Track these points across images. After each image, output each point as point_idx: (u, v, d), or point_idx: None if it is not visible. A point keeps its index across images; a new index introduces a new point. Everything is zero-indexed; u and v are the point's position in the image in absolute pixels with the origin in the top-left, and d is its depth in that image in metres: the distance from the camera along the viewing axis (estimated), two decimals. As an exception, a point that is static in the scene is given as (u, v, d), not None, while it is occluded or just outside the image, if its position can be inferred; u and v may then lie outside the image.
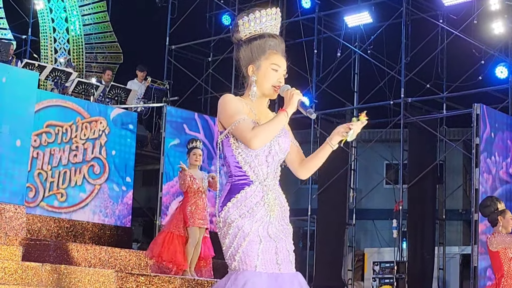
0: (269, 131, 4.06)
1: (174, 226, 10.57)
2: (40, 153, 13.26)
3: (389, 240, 20.12)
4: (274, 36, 4.29)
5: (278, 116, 4.10)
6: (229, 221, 4.12)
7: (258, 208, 4.13)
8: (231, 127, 4.12)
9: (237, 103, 4.18)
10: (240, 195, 4.14)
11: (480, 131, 13.79)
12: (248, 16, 4.29)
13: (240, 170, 4.18)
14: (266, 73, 4.25)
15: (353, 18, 18.22)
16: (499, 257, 8.42)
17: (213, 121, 16.01)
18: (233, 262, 4.10)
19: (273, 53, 4.27)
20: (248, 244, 4.07)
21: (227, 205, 4.14)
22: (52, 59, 19.62)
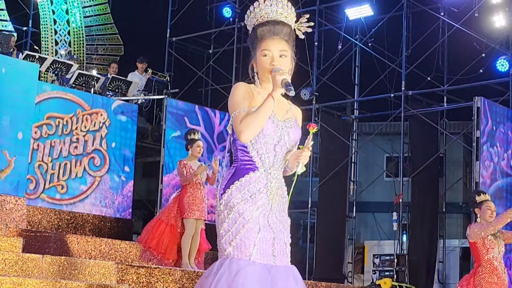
0: (256, 121, 4.02)
1: (166, 215, 10.58)
2: (40, 145, 13.27)
3: (389, 233, 20.14)
4: (264, 24, 4.26)
5: (264, 103, 4.05)
6: (231, 204, 4.08)
7: (260, 194, 4.10)
8: (231, 118, 4.12)
9: (241, 93, 4.14)
10: (244, 179, 4.11)
11: (481, 124, 13.80)
12: (246, 14, 4.32)
13: (247, 155, 4.15)
14: (259, 62, 4.24)
15: (354, 10, 18.21)
16: (476, 247, 8.47)
17: (214, 113, 16.02)
18: (228, 247, 4.06)
19: (262, 40, 4.23)
20: (247, 232, 4.04)
21: (230, 188, 4.11)
22: (53, 51, 19.61)
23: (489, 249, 8.41)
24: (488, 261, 8.39)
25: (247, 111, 4.06)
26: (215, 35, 20.79)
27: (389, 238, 19.93)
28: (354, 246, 19.03)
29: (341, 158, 17.45)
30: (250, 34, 4.31)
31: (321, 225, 17.41)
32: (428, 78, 17.79)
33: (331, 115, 18.24)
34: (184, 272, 9.63)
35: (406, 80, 16.92)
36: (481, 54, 16.84)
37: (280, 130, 4.17)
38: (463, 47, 17.18)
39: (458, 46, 17.46)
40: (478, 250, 8.46)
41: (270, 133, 4.13)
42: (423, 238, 16.65)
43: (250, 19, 4.31)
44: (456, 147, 20.08)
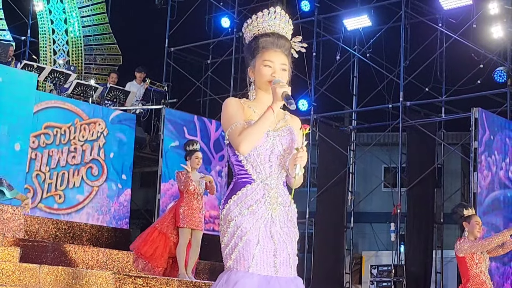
0: (254, 133, 4.05)
1: (160, 223, 10.57)
2: (38, 154, 13.26)
3: (387, 244, 20.11)
4: (268, 34, 4.28)
5: (264, 114, 4.07)
6: (229, 218, 4.11)
7: (258, 205, 4.11)
8: (227, 134, 4.13)
9: (234, 107, 4.16)
10: (241, 192, 4.13)
11: (479, 135, 13.81)
12: (247, 21, 4.34)
13: (242, 169, 4.17)
14: (259, 70, 4.23)
15: (352, 21, 18.23)
16: (465, 262, 8.48)
17: (210, 122, 16.02)
18: (229, 260, 4.10)
19: (264, 50, 4.25)
20: (245, 244, 4.05)
21: (228, 202, 4.14)
22: (51, 60, 19.63)
23: (477, 263, 8.44)
24: (476, 275, 8.43)
25: (243, 124, 4.09)
26: (214, 45, 20.82)
27: (386, 249, 19.90)
28: (352, 256, 19.01)
29: (339, 168, 17.45)
30: (250, 42, 4.32)
31: (318, 235, 17.39)
32: (426, 89, 17.80)
33: (329, 126, 18.24)
34: (182, 282, 9.62)
35: (404, 90, 16.93)
36: (479, 65, 16.86)
37: (272, 140, 4.18)
38: (461, 58, 17.21)
39: (456, 57, 17.49)
40: (466, 265, 8.49)
41: (261, 144, 4.14)
42: (421, 248, 16.64)
43: (251, 28, 4.33)
44: (454, 157, 20.09)
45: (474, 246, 8.42)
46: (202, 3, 20.35)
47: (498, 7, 16.03)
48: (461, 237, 8.67)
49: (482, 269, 8.45)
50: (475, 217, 8.70)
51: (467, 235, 8.59)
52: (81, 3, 20.25)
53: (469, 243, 8.46)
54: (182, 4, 20.26)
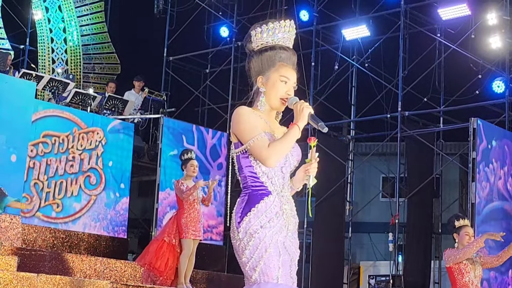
0: (283, 148, 4.09)
1: (167, 235, 10.54)
2: (36, 163, 13.24)
3: (385, 254, 20.10)
4: (285, 49, 4.29)
5: (290, 131, 4.11)
6: (251, 231, 4.09)
7: (278, 218, 4.14)
8: (248, 144, 4.11)
9: (253, 117, 4.15)
10: (260, 205, 4.13)
11: (477, 145, 13.81)
12: (261, 27, 4.28)
13: (258, 181, 4.17)
14: (274, 84, 4.23)
15: (351, 31, 18.25)
16: (452, 272, 8.52)
17: (207, 131, 16.01)
18: (254, 274, 4.07)
19: (283, 65, 4.26)
20: (270, 256, 4.06)
21: (248, 215, 4.12)
22: (50, 69, 19.63)
23: (464, 273, 8.48)
24: (464, 285, 8.45)
25: (266, 136, 4.09)
26: (212, 54, 20.83)
27: (384, 259, 19.89)
28: (350, 266, 18.98)
29: (337, 178, 17.44)
30: (266, 49, 4.28)
31: (317, 245, 17.36)
32: (425, 99, 17.83)
33: (327, 135, 18.23)
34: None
35: (403, 100, 16.94)
36: (478, 75, 16.90)
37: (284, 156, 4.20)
38: (459, 68, 17.23)
39: (454, 67, 17.51)
40: (454, 275, 8.53)
41: None
42: (419, 259, 16.62)
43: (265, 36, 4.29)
44: (452, 168, 20.08)
45: (456, 255, 8.45)
46: (201, 13, 20.38)
47: (496, 18, 16.06)
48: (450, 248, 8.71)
49: (470, 279, 8.47)
50: (466, 228, 8.73)
51: (457, 245, 8.63)
52: (80, 12, 20.27)
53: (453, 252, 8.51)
54: (181, 14, 20.28)
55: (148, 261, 10.41)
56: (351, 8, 18.91)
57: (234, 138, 4.21)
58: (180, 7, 20.27)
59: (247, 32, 4.37)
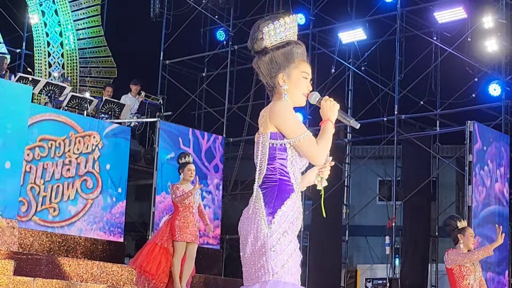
0: (327, 145, 4.17)
1: (160, 238, 10.53)
2: (33, 167, 13.22)
3: (381, 257, 20.09)
4: (299, 44, 4.31)
5: (328, 128, 4.19)
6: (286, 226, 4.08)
7: (300, 216, 4.20)
8: (296, 139, 4.11)
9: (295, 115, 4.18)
10: (288, 202, 4.13)
11: (473, 148, 13.83)
12: (273, 23, 4.22)
13: (286, 175, 4.17)
14: (297, 81, 4.24)
15: (347, 34, 18.28)
16: (453, 274, 8.51)
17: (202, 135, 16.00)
18: (280, 270, 4.05)
19: (301, 61, 4.28)
20: (295, 256, 4.11)
21: (282, 208, 4.09)
22: (46, 73, 19.63)
23: (465, 276, 8.46)
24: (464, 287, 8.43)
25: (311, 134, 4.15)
26: (209, 58, 20.84)
27: (381, 262, 19.88)
28: (347, 269, 18.98)
29: (334, 181, 17.44)
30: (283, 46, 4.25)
31: (314, 248, 17.37)
32: (421, 102, 17.84)
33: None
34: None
35: (399, 104, 16.96)
36: (474, 78, 16.92)
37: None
38: (455, 71, 17.25)
39: (450, 70, 17.53)
40: (454, 277, 8.50)
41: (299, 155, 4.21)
42: (416, 262, 16.63)
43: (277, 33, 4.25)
44: (449, 171, 20.10)
45: (462, 258, 8.44)
46: (197, 16, 20.38)
47: (492, 21, 16.08)
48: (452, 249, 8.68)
49: (470, 282, 8.47)
50: (469, 229, 8.73)
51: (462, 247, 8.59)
52: (77, 16, 20.27)
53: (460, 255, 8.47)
54: (177, 17, 20.28)
55: (139, 264, 10.40)
56: (348, 11, 18.93)
57: (273, 128, 4.15)
58: (176, 11, 20.27)
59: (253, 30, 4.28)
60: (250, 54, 15.18)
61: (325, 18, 19.09)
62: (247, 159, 19.72)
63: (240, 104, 19.46)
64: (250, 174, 19.00)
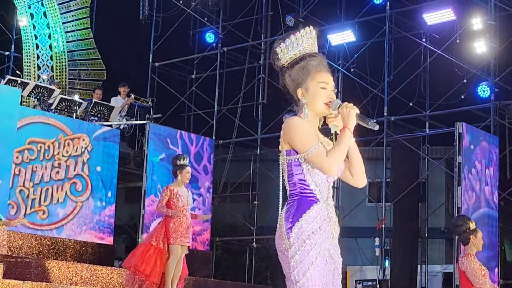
0: (342, 155, 4.17)
1: (154, 239, 10.50)
2: (22, 170, 13.19)
3: (371, 258, 20.12)
4: (314, 55, 4.36)
5: (344, 137, 4.20)
6: (304, 237, 4.13)
7: (326, 225, 4.22)
8: (306, 154, 4.15)
9: (306, 128, 4.19)
10: (311, 211, 4.18)
11: (462, 149, 13.86)
12: (284, 42, 4.32)
13: (307, 188, 4.22)
14: (315, 93, 4.28)
15: (336, 36, 18.29)
16: (466, 276, 8.49)
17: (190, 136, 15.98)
18: (302, 278, 4.11)
19: (317, 71, 4.32)
20: (318, 263, 4.13)
21: (300, 221, 4.15)
22: (35, 75, 19.58)
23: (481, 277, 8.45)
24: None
25: (321, 146, 4.14)
26: (198, 60, 20.83)
27: (371, 264, 19.91)
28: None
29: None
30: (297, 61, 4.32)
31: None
32: (410, 104, 17.87)
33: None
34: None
35: (388, 105, 16.99)
36: (463, 80, 16.95)
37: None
38: (444, 73, 17.29)
39: (440, 72, 17.58)
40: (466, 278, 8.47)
41: None
42: (405, 263, 16.64)
43: (289, 50, 4.34)
44: (438, 172, 20.14)
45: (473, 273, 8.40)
46: (187, 18, 20.37)
47: (481, 23, 16.12)
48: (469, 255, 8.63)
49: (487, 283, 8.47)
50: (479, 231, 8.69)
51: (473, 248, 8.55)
52: (65, 18, 20.23)
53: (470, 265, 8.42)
54: (167, 20, 20.27)
55: (134, 264, 10.36)
56: (337, 13, 18.95)
57: (287, 146, 4.24)
58: (165, 13, 20.25)
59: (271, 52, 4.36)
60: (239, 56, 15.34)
61: (315, 20, 19.08)
62: (237, 161, 19.73)
63: (229, 106, 19.46)
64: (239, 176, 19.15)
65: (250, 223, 19.46)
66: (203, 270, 15.29)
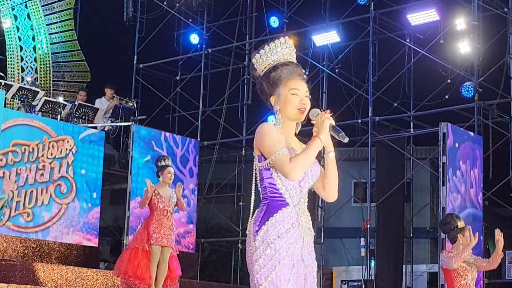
0: (306, 161, 4.22)
1: (139, 242, 10.49)
2: (6, 172, 13.14)
3: (357, 259, 20.16)
4: (287, 64, 4.45)
5: (312, 144, 4.26)
6: (268, 241, 4.20)
7: (294, 229, 4.26)
8: (271, 159, 4.23)
9: (275, 133, 4.27)
10: (278, 215, 4.24)
11: (447, 149, 13.90)
12: (259, 52, 4.45)
13: (277, 192, 4.29)
14: (287, 99, 4.37)
15: (321, 37, 18.31)
16: (450, 274, 8.53)
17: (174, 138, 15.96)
18: (264, 282, 4.16)
19: (289, 79, 4.40)
20: (282, 267, 4.17)
21: (266, 224, 4.23)
22: (19, 77, 19.52)
23: (463, 275, 8.48)
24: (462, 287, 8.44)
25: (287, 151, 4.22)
26: (182, 61, 20.80)
27: (357, 264, 19.95)
28: (322, 272, 19.00)
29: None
30: (270, 71, 4.42)
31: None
32: (395, 104, 17.91)
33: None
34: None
35: (373, 106, 17.02)
36: (447, 80, 17.00)
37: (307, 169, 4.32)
38: (429, 73, 17.35)
39: (424, 72, 17.63)
40: (452, 277, 8.51)
41: None
42: (391, 263, 16.68)
43: (264, 59, 4.46)
44: (423, 172, 20.21)
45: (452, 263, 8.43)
46: (171, 20, 20.34)
47: (464, 23, 16.18)
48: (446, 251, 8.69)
49: (468, 282, 8.50)
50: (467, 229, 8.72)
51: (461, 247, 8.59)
52: (49, 20, 20.18)
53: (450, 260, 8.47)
54: (151, 21, 20.24)
55: (123, 270, 10.34)
56: (321, 14, 18.97)
57: (258, 151, 4.33)
58: (149, 14, 20.23)
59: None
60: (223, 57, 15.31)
61: (299, 21, 19.12)
62: (222, 162, 19.73)
63: (214, 107, 19.46)
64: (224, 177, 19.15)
65: (235, 224, 19.47)
66: (188, 272, 15.27)
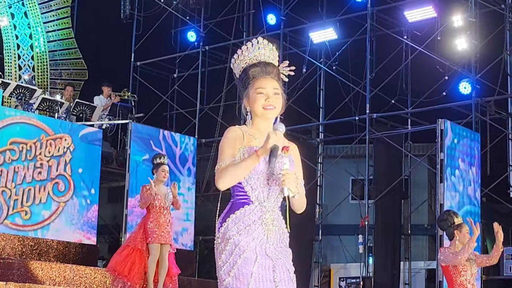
0: (234, 173, 4.20)
1: (133, 240, 10.51)
2: (4, 170, 13.14)
3: (355, 256, 20.15)
4: (255, 64, 4.48)
5: (248, 158, 4.22)
6: (227, 237, 4.26)
7: (255, 226, 4.27)
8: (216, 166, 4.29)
9: (230, 141, 4.32)
10: (239, 212, 4.29)
11: (444, 146, 13.91)
12: (234, 57, 4.50)
13: (241, 190, 4.33)
14: (253, 99, 4.41)
15: (318, 34, 18.32)
16: (448, 271, 8.53)
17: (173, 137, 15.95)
18: (227, 277, 4.21)
19: (256, 79, 4.44)
20: (244, 261, 4.19)
21: (227, 221, 4.30)
22: (16, 76, 19.50)
23: (461, 272, 8.47)
24: (461, 284, 8.45)
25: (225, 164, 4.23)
26: (180, 59, 20.80)
27: (355, 261, 19.94)
28: (320, 269, 19.01)
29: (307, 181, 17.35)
30: (241, 75, 4.49)
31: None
32: (392, 101, 17.92)
33: (296, 139, 18.26)
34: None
35: (371, 103, 17.02)
36: (444, 77, 17.00)
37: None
38: (426, 70, 17.34)
39: (421, 69, 17.62)
40: (450, 274, 8.51)
41: (262, 170, 4.29)
42: (389, 260, 16.69)
43: (238, 62, 4.51)
44: (421, 169, 20.20)
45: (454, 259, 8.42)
46: (168, 17, 20.34)
47: (461, 20, 16.19)
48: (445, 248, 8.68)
49: (467, 278, 8.49)
50: (465, 226, 8.71)
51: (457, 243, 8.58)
52: (46, 18, 20.16)
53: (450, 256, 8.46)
54: (148, 19, 20.23)
55: (112, 267, 10.37)
56: (318, 11, 18.98)
57: None
58: (146, 12, 20.22)
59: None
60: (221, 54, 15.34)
61: (296, 18, 19.12)
62: (220, 160, 19.71)
63: (212, 104, 19.45)
64: (222, 175, 18.61)
65: (233, 221, 19.45)
66: (187, 269, 15.28)
